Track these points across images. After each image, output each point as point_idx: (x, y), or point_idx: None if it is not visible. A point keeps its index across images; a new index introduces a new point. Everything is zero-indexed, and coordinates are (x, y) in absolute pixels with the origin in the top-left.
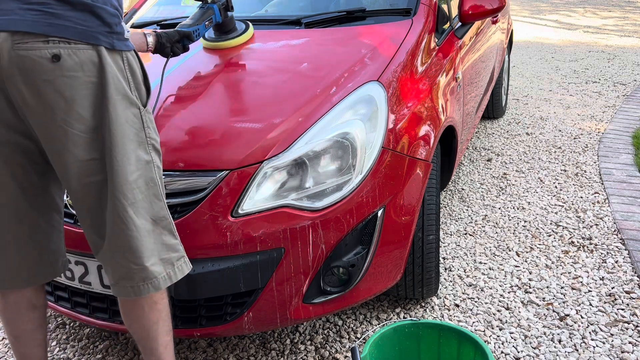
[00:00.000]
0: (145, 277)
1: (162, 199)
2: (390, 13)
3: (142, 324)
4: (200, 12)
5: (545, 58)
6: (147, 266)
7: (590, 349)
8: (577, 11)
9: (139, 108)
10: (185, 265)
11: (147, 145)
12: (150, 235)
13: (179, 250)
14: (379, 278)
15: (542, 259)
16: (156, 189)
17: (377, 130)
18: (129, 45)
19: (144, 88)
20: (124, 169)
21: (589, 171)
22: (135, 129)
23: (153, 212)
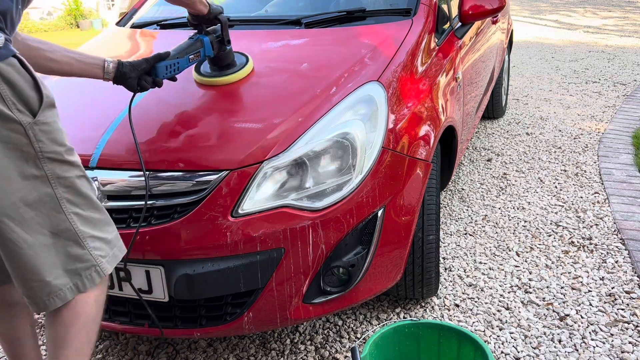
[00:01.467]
0: (49, 292)
1: (64, 211)
2: (390, 13)
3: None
4: (187, 43)
5: (545, 58)
6: (49, 281)
7: (590, 349)
8: (577, 11)
9: (20, 123)
10: (97, 275)
11: (38, 159)
12: (51, 249)
13: (88, 259)
14: (379, 278)
15: (542, 259)
16: (53, 203)
17: (377, 130)
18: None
19: (35, 95)
20: (5, 191)
21: (589, 171)
22: (15, 145)
23: (52, 226)
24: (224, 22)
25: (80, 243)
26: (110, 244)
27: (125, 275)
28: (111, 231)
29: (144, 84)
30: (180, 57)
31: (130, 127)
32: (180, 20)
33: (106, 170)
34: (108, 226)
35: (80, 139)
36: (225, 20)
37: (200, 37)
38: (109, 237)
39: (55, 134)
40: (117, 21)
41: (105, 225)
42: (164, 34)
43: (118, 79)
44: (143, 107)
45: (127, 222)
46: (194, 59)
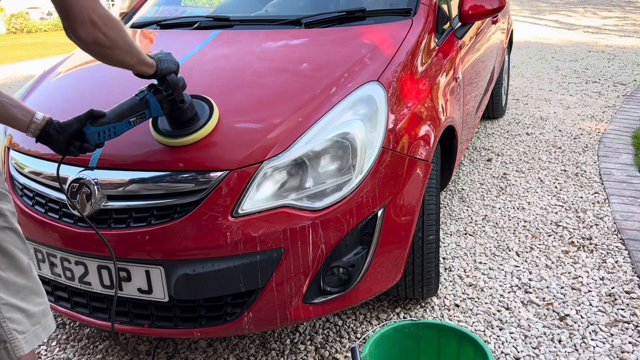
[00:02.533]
0: None
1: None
2: (390, 13)
3: None
4: (129, 103)
5: (545, 58)
6: None
7: (590, 349)
8: (577, 11)
9: None
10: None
11: None
12: None
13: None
14: (379, 278)
15: (542, 259)
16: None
17: (377, 130)
18: None
19: None
20: None
21: (589, 171)
22: None
23: None
24: (174, 83)
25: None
26: (33, 318)
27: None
28: (38, 303)
29: (72, 150)
30: (117, 121)
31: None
32: (180, 20)
33: (106, 171)
34: (35, 296)
35: None
36: (176, 81)
37: (146, 95)
38: (33, 310)
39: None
40: None
41: (31, 294)
42: (164, 34)
43: (42, 138)
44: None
45: (127, 222)
46: (136, 121)
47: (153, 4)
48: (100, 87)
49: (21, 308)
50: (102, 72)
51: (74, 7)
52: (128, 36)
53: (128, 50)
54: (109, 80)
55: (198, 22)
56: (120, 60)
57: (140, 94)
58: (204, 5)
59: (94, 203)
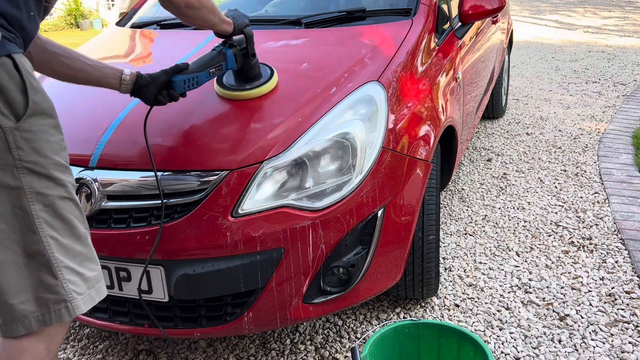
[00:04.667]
0: (12, 316)
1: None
2: (390, 13)
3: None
4: (209, 55)
5: (545, 58)
6: (13, 304)
7: (590, 349)
8: (577, 11)
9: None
10: (67, 312)
11: (15, 169)
12: (22, 269)
13: (60, 293)
14: (379, 278)
15: (542, 259)
16: (28, 219)
17: (377, 130)
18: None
19: (21, 99)
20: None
21: (589, 171)
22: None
23: (24, 245)
24: (250, 35)
25: (54, 272)
26: (89, 282)
27: (126, 275)
28: (93, 269)
29: (161, 99)
30: (200, 71)
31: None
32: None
33: (106, 171)
34: (90, 263)
35: (80, 139)
36: (251, 34)
37: (223, 49)
38: (88, 275)
39: (41, 144)
40: (117, 21)
41: (87, 260)
42: (164, 34)
43: (135, 92)
44: (142, 107)
45: (127, 223)
46: (215, 72)
47: (153, 4)
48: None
49: (78, 272)
50: None
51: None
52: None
53: (212, 10)
54: None
55: None
56: (206, 19)
57: (218, 47)
58: None
59: (94, 203)
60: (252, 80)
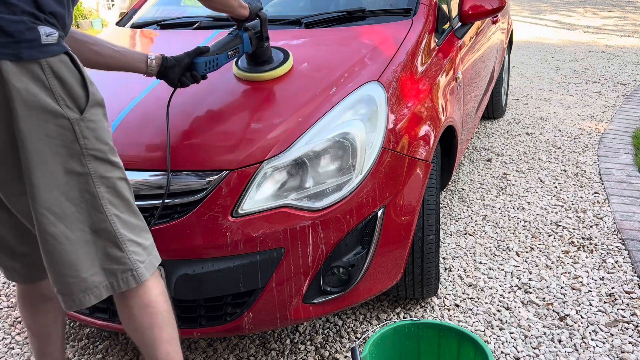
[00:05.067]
0: (85, 288)
1: (105, 211)
2: (390, 13)
3: (134, 327)
4: (227, 39)
5: (545, 58)
6: (86, 277)
7: (590, 349)
8: (577, 11)
9: (68, 118)
10: (133, 279)
11: (83, 156)
12: (90, 246)
13: (126, 263)
14: (379, 278)
15: (542, 259)
16: (95, 201)
17: (377, 130)
18: (52, 50)
19: (82, 93)
20: (48, 184)
21: (589, 171)
22: (63, 141)
23: (92, 224)
24: (264, 19)
25: (120, 245)
26: (147, 250)
27: None
28: (148, 238)
29: (184, 80)
30: (219, 53)
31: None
32: (180, 20)
33: None
34: (145, 233)
35: None
36: (265, 17)
37: (239, 33)
38: (146, 244)
39: (101, 132)
40: (117, 21)
41: (143, 231)
42: (164, 34)
43: (161, 74)
44: (142, 107)
45: None
46: (233, 55)
47: (153, 4)
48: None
49: (139, 242)
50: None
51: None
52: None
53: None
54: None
55: (198, 22)
56: (228, 5)
57: (234, 31)
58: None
59: None
60: (265, 62)
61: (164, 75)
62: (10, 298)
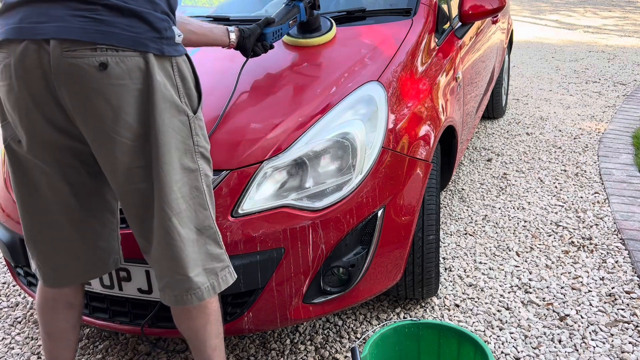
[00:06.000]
0: (189, 288)
1: (208, 208)
2: (390, 13)
3: (189, 326)
4: (285, 9)
5: (546, 58)
6: (191, 277)
7: (590, 349)
8: (578, 11)
9: (187, 115)
10: (230, 275)
11: (194, 153)
12: (195, 244)
13: (224, 260)
14: (379, 278)
15: (542, 259)
16: (201, 198)
17: (377, 130)
18: (180, 50)
19: (195, 94)
20: (169, 178)
21: (589, 171)
22: (183, 136)
23: (198, 222)
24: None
25: (219, 242)
26: None
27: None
28: None
29: (257, 49)
30: (283, 23)
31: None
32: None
33: None
34: None
35: None
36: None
37: (296, 3)
38: None
39: (205, 132)
40: None
41: None
42: None
43: (239, 45)
44: None
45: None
46: (293, 24)
47: None
48: None
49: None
50: None
51: None
52: None
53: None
54: None
55: None
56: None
57: (290, 3)
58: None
59: None
60: (314, 30)
61: (242, 46)
62: (10, 298)
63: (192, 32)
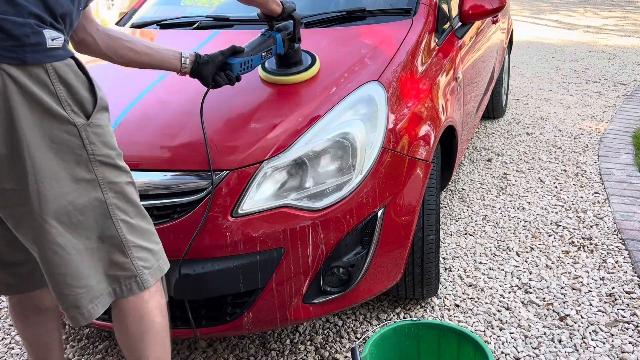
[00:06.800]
0: (93, 297)
1: (112, 217)
2: (390, 13)
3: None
4: (260, 39)
5: (546, 58)
6: (93, 285)
7: (590, 349)
8: (578, 11)
9: (74, 124)
10: (137, 285)
11: (90, 163)
12: (95, 252)
13: (130, 269)
14: (379, 278)
15: (542, 259)
16: (103, 208)
17: (377, 130)
18: (58, 55)
19: (89, 98)
20: (55, 192)
21: (589, 171)
22: (70, 147)
23: (99, 231)
24: (298, 19)
25: (124, 251)
26: (156, 255)
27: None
28: (157, 242)
29: (219, 80)
30: (254, 54)
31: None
32: (179, 20)
33: None
34: (155, 237)
35: None
36: (299, 18)
37: (272, 34)
38: (155, 249)
39: (107, 137)
40: (117, 21)
41: (152, 235)
42: (164, 34)
43: (194, 71)
44: (143, 106)
45: None
46: (266, 56)
47: (153, 4)
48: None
49: (147, 248)
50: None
51: None
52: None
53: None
54: (109, 80)
55: (198, 22)
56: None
57: (267, 32)
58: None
59: None
60: (295, 65)
61: (198, 73)
62: None
63: (132, 50)
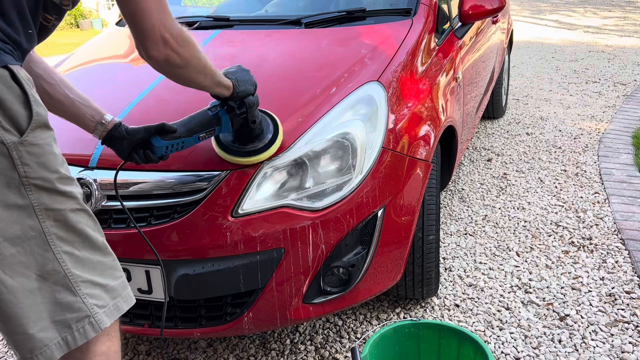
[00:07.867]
0: (32, 348)
1: (52, 249)
2: (390, 13)
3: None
4: (201, 117)
5: (546, 58)
6: (32, 334)
7: (590, 349)
8: (578, 11)
9: (3, 142)
10: (91, 328)
11: (23, 186)
12: (36, 294)
13: (80, 309)
14: (379, 278)
15: (542, 259)
16: (40, 239)
17: (377, 130)
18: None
19: (23, 113)
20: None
21: (589, 171)
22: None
23: (38, 267)
24: (250, 105)
25: (71, 288)
26: (113, 292)
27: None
28: (116, 277)
29: (135, 157)
30: (187, 135)
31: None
32: (180, 20)
33: (106, 171)
34: (112, 271)
35: (80, 139)
36: (252, 103)
37: (219, 112)
38: (112, 284)
39: (46, 158)
40: (117, 21)
41: (108, 269)
42: None
43: (107, 141)
44: (144, 105)
45: (127, 223)
46: (205, 137)
47: None
48: (101, 86)
49: (100, 283)
50: (102, 72)
51: (146, 25)
52: (203, 55)
53: (202, 70)
54: (109, 80)
55: (198, 22)
56: (194, 81)
57: (213, 109)
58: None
59: (94, 203)
60: (253, 141)
61: (111, 143)
62: None
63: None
